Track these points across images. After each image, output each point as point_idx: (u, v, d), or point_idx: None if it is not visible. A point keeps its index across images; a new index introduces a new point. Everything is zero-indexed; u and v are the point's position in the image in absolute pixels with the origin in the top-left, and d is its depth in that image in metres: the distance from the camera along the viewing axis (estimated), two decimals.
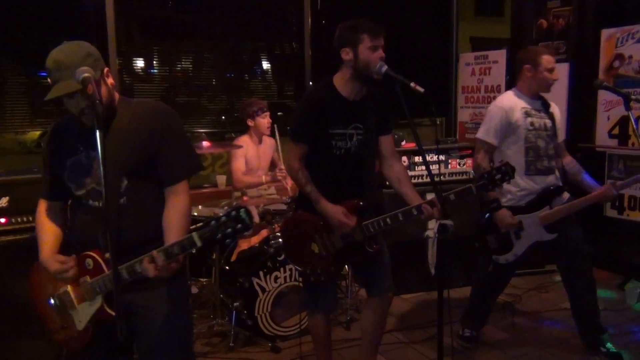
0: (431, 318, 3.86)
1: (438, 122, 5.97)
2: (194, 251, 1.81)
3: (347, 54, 2.51)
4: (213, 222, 1.64)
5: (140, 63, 4.89)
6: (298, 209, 2.77)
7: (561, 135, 3.30)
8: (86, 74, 1.69)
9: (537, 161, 3.15)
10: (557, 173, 3.25)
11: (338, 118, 2.55)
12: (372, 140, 2.67)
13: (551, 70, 3.14)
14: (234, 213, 1.61)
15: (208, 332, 3.60)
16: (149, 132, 1.91)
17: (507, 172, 2.33)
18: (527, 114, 3.14)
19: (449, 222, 2.31)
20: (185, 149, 2.02)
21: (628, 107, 2.91)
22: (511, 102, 3.17)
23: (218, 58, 5.16)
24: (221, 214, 1.63)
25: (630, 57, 4.34)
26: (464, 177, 4.47)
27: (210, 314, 3.74)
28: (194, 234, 1.69)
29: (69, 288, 1.96)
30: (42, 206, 2.08)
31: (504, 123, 3.12)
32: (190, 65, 5.09)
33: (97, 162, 1.81)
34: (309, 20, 5.20)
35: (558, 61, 4.80)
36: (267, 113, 4.09)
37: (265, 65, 5.47)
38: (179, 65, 5.04)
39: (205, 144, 3.57)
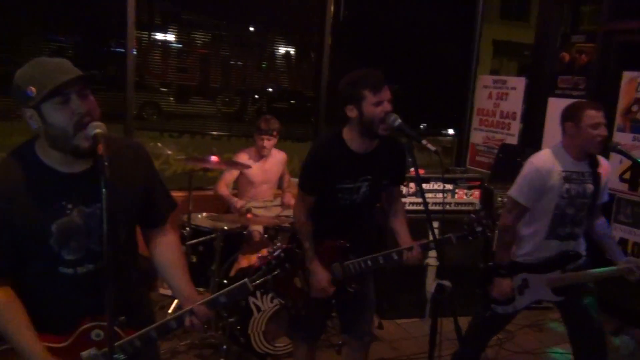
0: (424, 347, 3.85)
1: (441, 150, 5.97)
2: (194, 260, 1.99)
3: (351, 111, 2.44)
4: (264, 268, 1.87)
5: (159, 37, 4.95)
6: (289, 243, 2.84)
7: (603, 197, 3.02)
8: (99, 130, 1.51)
9: (558, 227, 2.93)
10: (580, 239, 3.01)
11: (347, 173, 2.53)
12: (380, 189, 2.67)
13: (596, 126, 2.79)
14: (282, 255, 1.95)
15: (200, 343, 3.63)
16: (141, 173, 1.79)
17: (488, 225, 2.47)
18: (565, 180, 2.85)
19: (446, 282, 2.31)
20: (164, 185, 1.95)
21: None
22: (550, 163, 2.86)
23: (236, 42, 5.24)
24: (269, 259, 1.98)
25: None
26: (471, 207, 4.45)
27: (204, 325, 3.76)
28: (247, 280, 1.77)
29: None
30: None
31: (538, 185, 2.85)
32: (207, 49, 5.19)
33: (95, 219, 1.64)
34: (331, 8, 5.19)
35: (576, 97, 4.76)
36: (272, 139, 4.10)
37: (283, 51, 5.53)
38: (198, 42, 5.11)
39: (213, 158, 3.61)
